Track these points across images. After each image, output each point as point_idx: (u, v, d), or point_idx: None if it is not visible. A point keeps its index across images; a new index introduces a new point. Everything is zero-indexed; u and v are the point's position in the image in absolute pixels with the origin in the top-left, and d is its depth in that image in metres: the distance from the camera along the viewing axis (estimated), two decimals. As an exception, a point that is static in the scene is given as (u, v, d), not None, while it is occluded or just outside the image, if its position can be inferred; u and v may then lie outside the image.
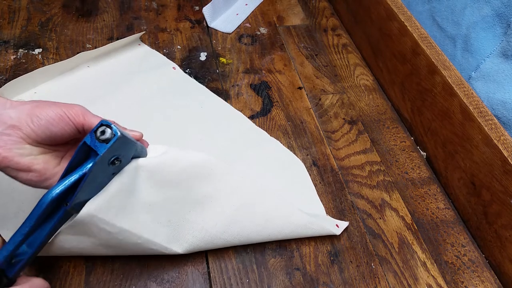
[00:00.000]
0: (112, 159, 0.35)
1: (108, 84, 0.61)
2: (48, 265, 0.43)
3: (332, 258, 0.46)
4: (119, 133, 0.34)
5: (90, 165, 0.34)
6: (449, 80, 0.52)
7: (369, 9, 0.69)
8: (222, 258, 0.46)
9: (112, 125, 0.34)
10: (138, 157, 0.39)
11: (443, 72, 0.53)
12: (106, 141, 0.34)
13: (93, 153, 0.34)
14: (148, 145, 0.40)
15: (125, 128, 0.38)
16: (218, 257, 0.46)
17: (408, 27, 0.58)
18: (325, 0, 0.84)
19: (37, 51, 0.66)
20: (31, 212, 0.34)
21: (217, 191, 0.43)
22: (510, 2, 0.49)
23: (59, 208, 0.35)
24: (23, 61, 0.64)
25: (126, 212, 0.39)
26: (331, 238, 0.48)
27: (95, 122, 0.36)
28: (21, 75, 0.57)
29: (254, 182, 0.45)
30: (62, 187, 0.34)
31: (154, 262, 0.44)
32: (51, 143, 0.37)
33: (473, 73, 0.54)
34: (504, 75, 0.50)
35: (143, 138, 0.39)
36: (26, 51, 0.65)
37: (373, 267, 0.46)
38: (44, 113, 0.35)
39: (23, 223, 0.34)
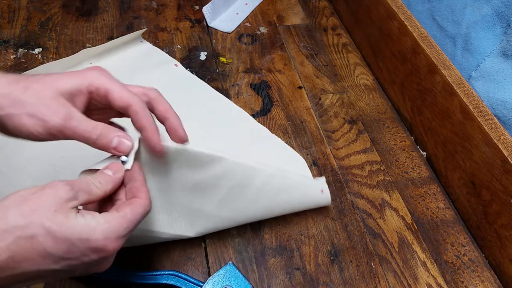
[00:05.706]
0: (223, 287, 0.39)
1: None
2: (48, 265, 0.43)
3: (332, 258, 0.46)
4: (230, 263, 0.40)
5: None
6: (449, 80, 0.52)
7: (369, 9, 0.69)
8: (222, 258, 0.46)
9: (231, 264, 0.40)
10: None
11: (443, 72, 0.53)
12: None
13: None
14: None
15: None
16: (218, 257, 0.46)
17: (408, 27, 0.58)
18: (325, 0, 0.84)
19: (37, 50, 0.66)
20: None
21: (207, 177, 0.42)
22: (510, 2, 0.49)
23: None
24: (23, 60, 0.64)
25: None
26: (331, 238, 0.48)
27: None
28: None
29: (247, 163, 0.44)
30: None
31: (153, 262, 0.44)
32: None
33: (473, 72, 0.54)
34: (504, 75, 0.50)
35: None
36: (26, 50, 0.65)
37: (373, 266, 0.46)
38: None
39: None
